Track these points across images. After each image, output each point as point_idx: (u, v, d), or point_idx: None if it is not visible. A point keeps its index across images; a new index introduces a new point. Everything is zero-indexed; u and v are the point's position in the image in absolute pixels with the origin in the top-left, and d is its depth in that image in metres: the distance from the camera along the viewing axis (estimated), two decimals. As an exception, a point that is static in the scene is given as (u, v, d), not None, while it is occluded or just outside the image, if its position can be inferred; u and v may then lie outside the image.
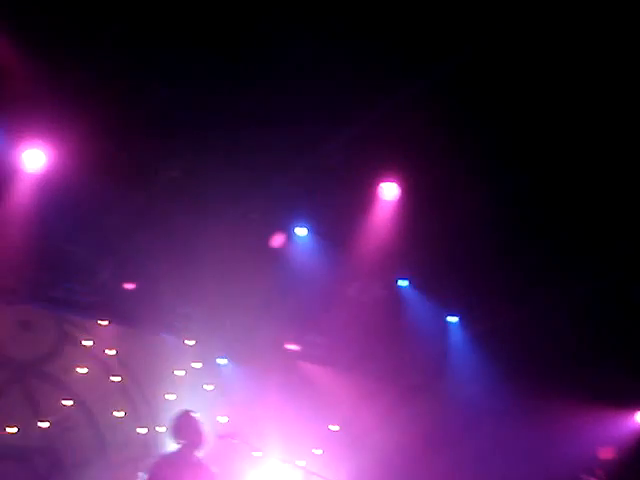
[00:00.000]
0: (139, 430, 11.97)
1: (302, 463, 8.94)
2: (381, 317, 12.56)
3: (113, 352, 12.05)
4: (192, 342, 12.78)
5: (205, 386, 12.57)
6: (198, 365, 12.85)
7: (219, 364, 13.24)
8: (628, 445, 10.67)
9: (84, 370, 11.80)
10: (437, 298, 12.58)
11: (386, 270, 12.25)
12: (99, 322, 12.08)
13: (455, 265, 11.47)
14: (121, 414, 11.92)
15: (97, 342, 12.04)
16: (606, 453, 9.57)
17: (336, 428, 12.84)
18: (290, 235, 11.74)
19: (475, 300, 12.07)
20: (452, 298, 12.53)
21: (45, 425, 11.15)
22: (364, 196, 11.00)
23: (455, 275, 11.65)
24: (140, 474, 5.82)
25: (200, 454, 7.95)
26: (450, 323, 13.31)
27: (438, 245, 11.26)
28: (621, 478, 9.51)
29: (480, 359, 12.29)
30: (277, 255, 11.58)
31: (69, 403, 11.48)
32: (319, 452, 12.41)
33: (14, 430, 10.83)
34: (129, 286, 11.72)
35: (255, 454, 10.90)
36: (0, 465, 10.72)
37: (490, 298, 11.75)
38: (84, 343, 11.98)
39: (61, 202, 9.51)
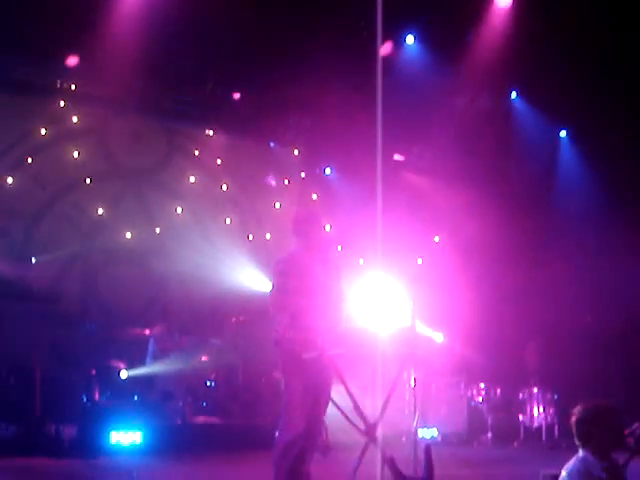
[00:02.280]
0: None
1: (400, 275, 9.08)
2: (490, 129, 12.29)
3: (221, 162, 12.33)
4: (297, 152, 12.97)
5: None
6: (302, 174, 13.08)
7: (325, 174, 13.43)
8: None
9: (193, 179, 12.18)
10: (548, 111, 12.16)
11: (496, 81, 11.84)
12: (207, 132, 12.30)
13: (567, 78, 10.96)
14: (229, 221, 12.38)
15: (206, 152, 12.31)
16: None
17: (437, 239, 12.99)
18: (400, 44, 11.38)
19: (586, 115, 11.58)
20: (564, 112, 12.08)
21: (158, 230, 11.70)
22: (476, 2, 10.46)
23: (567, 89, 11.15)
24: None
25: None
26: (560, 138, 12.95)
27: (552, 56, 10.74)
28: None
29: (588, 177, 12.01)
30: (386, 64, 11.30)
31: (180, 210, 11.96)
32: (419, 261, 12.65)
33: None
34: (237, 95, 11.76)
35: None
36: (120, 268, 11.35)
37: (601, 114, 11.25)
38: (194, 153, 12.29)
39: (171, 15, 9.40)
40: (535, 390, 10.52)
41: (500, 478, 7.57)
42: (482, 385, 10.79)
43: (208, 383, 10.32)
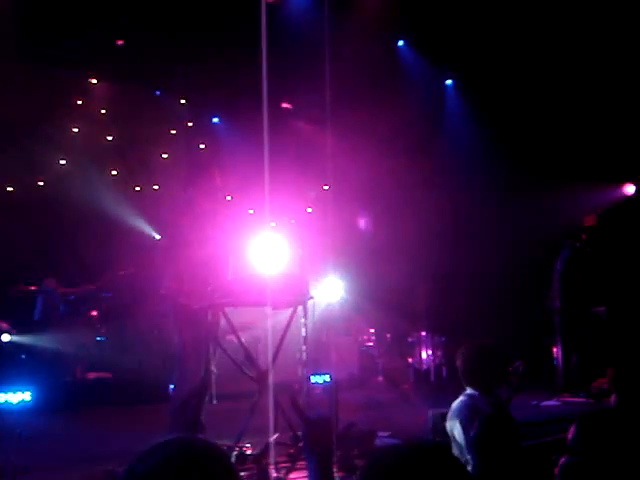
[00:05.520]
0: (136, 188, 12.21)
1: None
2: (378, 78, 12.33)
3: (105, 112, 12.00)
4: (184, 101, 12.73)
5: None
6: (190, 124, 12.88)
7: (212, 123, 13.25)
8: (610, 214, 11.00)
9: (76, 129, 11.82)
10: (435, 59, 12.31)
11: (384, 29, 11.87)
12: (91, 80, 11.92)
13: (455, 25, 11.09)
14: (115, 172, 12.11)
15: (90, 101, 11.94)
16: (590, 220, 9.85)
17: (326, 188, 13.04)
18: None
19: (472, 64, 11.78)
20: (450, 60, 12.26)
21: (41, 183, 11.35)
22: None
23: (454, 35, 11.30)
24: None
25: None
26: (447, 86, 13.16)
27: (439, 5, 10.86)
28: (601, 244, 9.88)
29: (474, 126, 12.25)
30: (273, 12, 11.15)
31: (63, 162, 11.61)
32: (309, 210, 12.71)
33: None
34: (120, 42, 11.40)
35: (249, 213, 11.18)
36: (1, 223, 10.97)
37: (486, 61, 11.46)
38: (76, 102, 11.90)
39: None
40: (424, 334, 10.79)
41: (391, 419, 7.74)
42: (372, 330, 11.01)
43: (98, 338, 10.17)
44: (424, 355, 10.73)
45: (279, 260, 7.13)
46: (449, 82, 13.21)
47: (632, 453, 2.35)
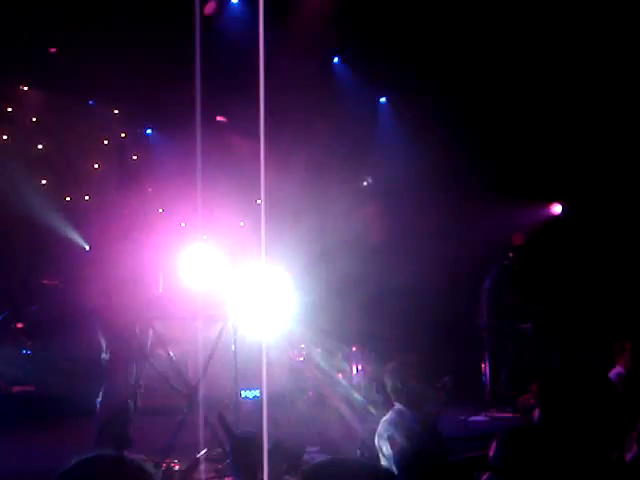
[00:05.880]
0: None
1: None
2: (313, 93, 12.40)
3: (36, 120, 11.80)
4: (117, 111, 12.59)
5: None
6: (123, 134, 12.73)
7: (146, 134, 13.14)
8: (538, 233, 11.26)
9: (5, 137, 11.59)
10: (368, 77, 12.45)
11: (319, 45, 11.97)
12: (23, 87, 11.72)
13: (389, 42, 11.24)
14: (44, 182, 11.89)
15: (21, 109, 11.74)
16: (518, 239, 10.06)
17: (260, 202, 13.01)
18: (224, 2, 11.27)
19: (406, 82, 11.94)
20: (384, 77, 12.40)
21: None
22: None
23: (388, 53, 11.44)
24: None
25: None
26: (381, 104, 13.31)
27: (374, 22, 11.00)
28: (529, 261, 10.10)
29: (407, 142, 12.39)
30: (210, 24, 11.15)
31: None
32: (242, 224, 12.67)
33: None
34: (53, 50, 11.26)
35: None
36: None
37: (418, 79, 11.64)
38: (6, 109, 11.69)
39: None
40: (354, 349, 10.82)
41: (321, 435, 7.74)
42: (303, 346, 10.99)
43: (24, 351, 9.95)
44: (354, 370, 10.75)
45: (210, 274, 7.09)
46: (383, 100, 13.35)
47: (553, 469, 2.39)
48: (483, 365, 9.89)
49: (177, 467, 5.73)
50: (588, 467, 2.58)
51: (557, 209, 12.50)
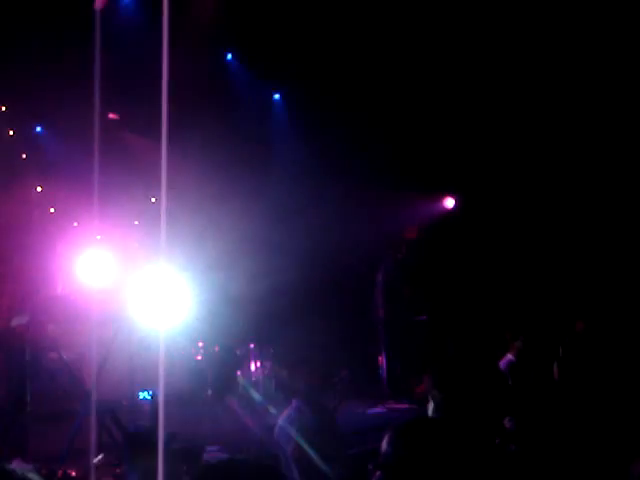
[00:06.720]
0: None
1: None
2: (207, 90, 12.32)
3: None
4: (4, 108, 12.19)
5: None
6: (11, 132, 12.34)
7: (35, 132, 12.76)
8: (430, 227, 11.48)
9: None
10: (262, 73, 12.44)
11: (213, 41, 11.89)
12: None
13: (281, 39, 11.26)
14: None
15: None
16: (411, 233, 10.24)
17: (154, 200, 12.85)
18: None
19: (299, 78, 11.98)
20: (277, 74, 12.42)
21: None
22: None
23: (281, 49, 11.46)
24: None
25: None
26: (274, 100, 13.32)
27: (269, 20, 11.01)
28: (422, 255, 10.29)
29: (300, 139, 12.43)
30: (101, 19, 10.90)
31: None
32: (136, 223, 12.46)
33: None
34: None
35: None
36: None
37: (312, 76, 11.69)
38: None
39: None
40: (252, 346, 10.82)
41: (220, 433, 7.73)
42: (201, 344, 10.91)
43: None
44: (252, 367, 10.75)
45: (104, 274, 6.97)
46: (276, 96, 13.35)
47: (443, 460, 2.45)
48: (380, 358, 10.04)
49: (73, 474, 5.61)
50: (476, 453, 2.65)
51: (450, 203, 12.74)
